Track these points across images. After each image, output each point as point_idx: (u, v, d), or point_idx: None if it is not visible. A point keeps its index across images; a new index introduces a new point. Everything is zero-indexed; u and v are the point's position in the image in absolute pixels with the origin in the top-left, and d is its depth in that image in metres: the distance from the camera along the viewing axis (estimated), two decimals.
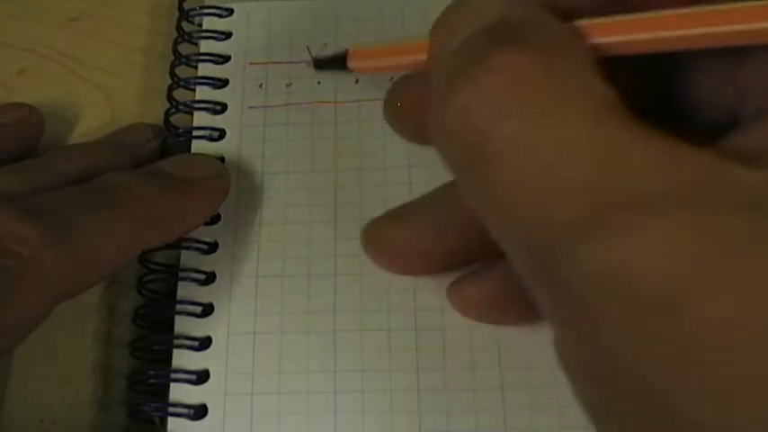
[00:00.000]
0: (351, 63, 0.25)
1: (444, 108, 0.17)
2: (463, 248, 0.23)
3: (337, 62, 0.25)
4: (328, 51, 0.26)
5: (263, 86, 0.29)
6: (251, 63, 0.30)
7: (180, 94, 0.29)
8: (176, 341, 0.26)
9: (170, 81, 0.30)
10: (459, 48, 0.18)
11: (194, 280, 0.26)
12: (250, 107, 0.29)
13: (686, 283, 0.14)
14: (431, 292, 0.26)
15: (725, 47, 0.17)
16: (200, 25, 0.31)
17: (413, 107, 0.24)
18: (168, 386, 0.25)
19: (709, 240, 0.14)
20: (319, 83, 0.29)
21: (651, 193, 0.15)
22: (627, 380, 0.15)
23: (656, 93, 0.21)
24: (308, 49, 0.30)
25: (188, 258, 0.27)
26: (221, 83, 0.29)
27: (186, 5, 0.31)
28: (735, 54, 0.18)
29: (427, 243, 0.24)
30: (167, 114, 0.29)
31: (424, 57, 0.20)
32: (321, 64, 0.27)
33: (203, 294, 0.26)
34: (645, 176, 0.15)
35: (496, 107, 0.16)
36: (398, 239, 0.24)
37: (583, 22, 0.18)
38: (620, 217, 0.15)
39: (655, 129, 0.16)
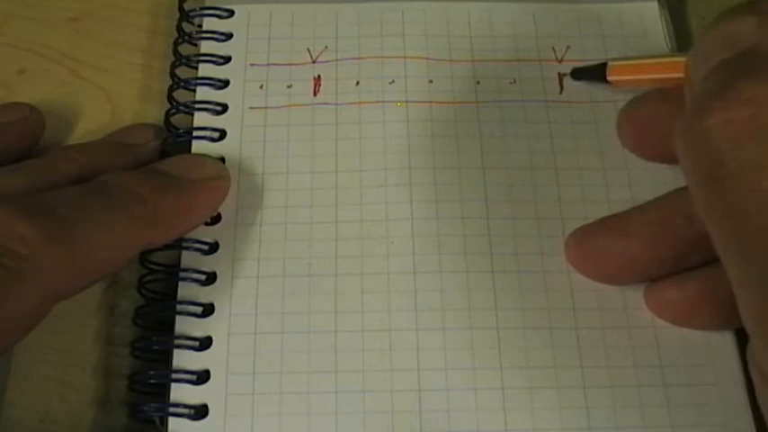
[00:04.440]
0: (610, 76, 0.28)
1: (690, 128, 0.19)
2: (670, 260, 0.25)
3: (595, 73, 0.28)
4: (586, 63, 0.29)
5: (264, 87, 0.29)
6: (252, 64, 0.30)
7: (180, 95, 0.29)
8: (177, 341, 0.26)
9: (170, 81, 0.30)
10: (710, 73, 0.20)
11: (195, 280, 0.26)
12: (251, 108, 0.29)
13: None
14: (431, 293, 0.26)
15: None
16: (201, 26, 0.31)
17: (651, 123, 0.26)
18: (169, 386, 0.25)
19: None
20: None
21: None
22: None
23: None
24: (309, 51, 0.30)
25: (188, 259, 0.27)
26: (222, 83, 0.30)
27: (186, 6, 0.31)
28: None
29: (639, 254, 0.25)
30: (168, 115, 0.29)
31: (675, 74, 0.23)
32: (579, 74, 0.29)
33: (204, 294, 0.26)
34: None
35: (734, 134, 0.18)
36: (611, 249, 0.25)
37: None
38: None
39: None
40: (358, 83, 0.29)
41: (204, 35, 0.30)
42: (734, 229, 0.18)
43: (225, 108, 0.29)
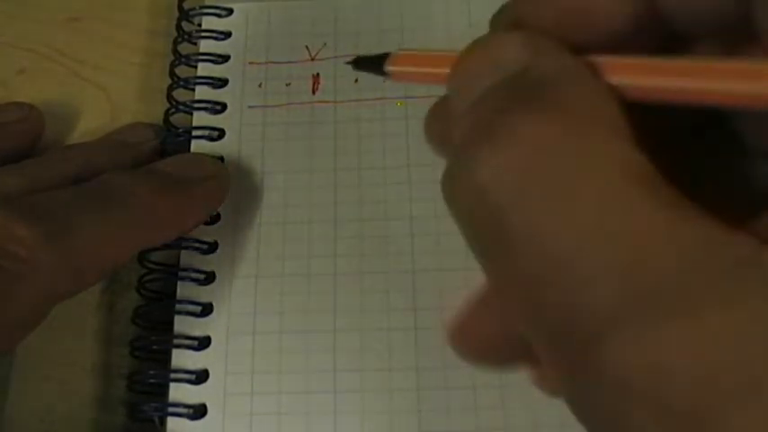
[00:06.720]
0: (391, 66, 0.22)
1: (459, 182, 0.15)
2: None
3: (377, 64, 0.22)
4: (371, 52, 0.23)
5: (263, 86, 0.29)
6: (250, 63, 0.30)
7: (180, 94, 0.29)
8: (176, 341, 0.26)
9: (170, 81, 0.30)
10: (477, 103, 0.16)
11: (194, 280, 0.26)
12: (250, 107, 0.29)
13: (722, 393, 0.12)
14: (430, 292, 0.26)
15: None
16: (200, 25, 0.31)
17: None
18: (168, 386, 0.25)
19: (747, 340, 0.12)
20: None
21: (684, 285, 0.13)
22: None
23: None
24: (308, 49, 0.30)
25: (188, 258, 0.27)
26: (221, 82, 0.29)
27: (186, 5, 0.31)
28: None
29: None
30: (167, 114, 0.29)
31: None
32: (362, 64, 0.23)
33: (203, 294, 0.26)
34: (678, 265, 0.13)
35: (516, 186, 0.14)
36: (484, 329, 0.19)
37: (606, 59, 0.15)
38: (650, 313, 0.13)
39: (689, 204, 0.14)
40: (357, 80, 0.29)
41: (203, 34, 0.30)
42: (524, 306, 0.14)
43: (224, 107, 0.29)
